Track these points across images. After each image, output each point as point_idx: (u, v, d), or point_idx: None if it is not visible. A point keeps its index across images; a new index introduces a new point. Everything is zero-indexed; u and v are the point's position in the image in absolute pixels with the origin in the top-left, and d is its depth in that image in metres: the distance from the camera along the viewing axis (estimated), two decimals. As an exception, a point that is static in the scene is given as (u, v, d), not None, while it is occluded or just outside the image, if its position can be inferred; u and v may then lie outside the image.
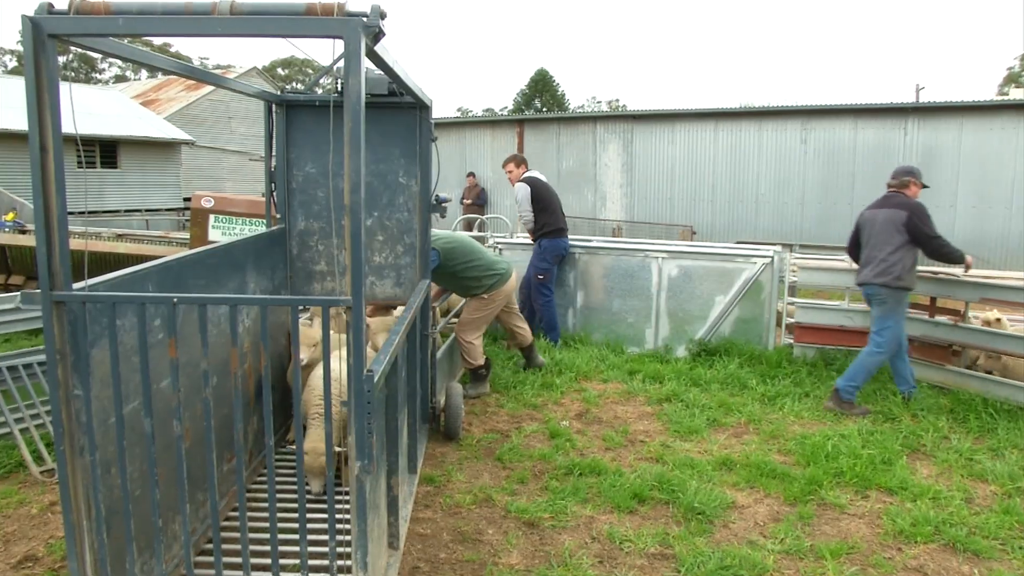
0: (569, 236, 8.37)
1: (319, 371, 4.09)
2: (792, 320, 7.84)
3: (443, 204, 5.43)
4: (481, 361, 6.60)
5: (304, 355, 4.00)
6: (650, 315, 8.18)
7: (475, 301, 6.54)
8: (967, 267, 6.35)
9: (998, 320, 6.71)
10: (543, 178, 8.40)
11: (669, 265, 8.10)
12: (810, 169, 18.75)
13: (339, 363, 3.78)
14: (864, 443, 5.52)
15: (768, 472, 5.04)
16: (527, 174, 8.35)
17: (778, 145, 19.28)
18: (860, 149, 17.93)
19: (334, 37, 2.53)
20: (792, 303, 8.01)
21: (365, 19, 2.48)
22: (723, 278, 7.93)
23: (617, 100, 69.34)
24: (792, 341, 7.77)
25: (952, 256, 6.20)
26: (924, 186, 6.48)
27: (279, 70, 63.28)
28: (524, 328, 7.20)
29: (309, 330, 4.91)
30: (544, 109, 53.62)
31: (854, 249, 6.66)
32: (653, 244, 8.50)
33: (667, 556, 4.04)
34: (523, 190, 8.15)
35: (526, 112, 51.89)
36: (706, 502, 4.54)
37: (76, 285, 2.79)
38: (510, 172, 8.44)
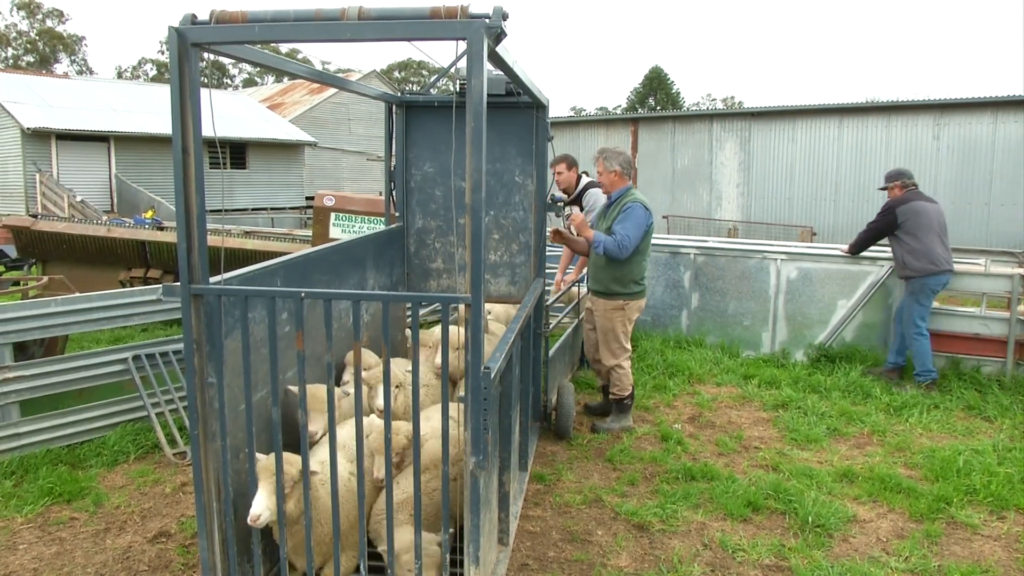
0: (684, 236, 8.16)
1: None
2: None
3: (558, 203, 5.44)
4: (631, 390, 5.80)
5: (316, 425, 3.55)
6: (767, 318, 7.94)
7: (614, 310, 5.58)
8: None
9: None
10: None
11: (788, 267, 7.83)
12: (943, 167, 17.74)
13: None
14: (1001, 460, 5.18)
15: (893, 486, 4.80)
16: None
17: (908, 141, 18.35)
18: (1000, 145, 16.81)
19: (457, 39, 2.58)
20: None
21: (487, 20, 2.52)
22: (846, 281, 7.61)
23: (733, 97, 67.91)
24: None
25: None
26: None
27: (395, 73, 64.98)
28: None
29: (320, 390, 3.55)
30: (658, 107, 52.93)
31: (874, 238, 7.10)
32: (771, 245, 8.24)
33: (782, 568, 3.91)
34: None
35: (640, 111, 51.38)
36: (825, 514, 4.37)
37: (212, 279, 2.96)
38: (560, 174, 6.73)
